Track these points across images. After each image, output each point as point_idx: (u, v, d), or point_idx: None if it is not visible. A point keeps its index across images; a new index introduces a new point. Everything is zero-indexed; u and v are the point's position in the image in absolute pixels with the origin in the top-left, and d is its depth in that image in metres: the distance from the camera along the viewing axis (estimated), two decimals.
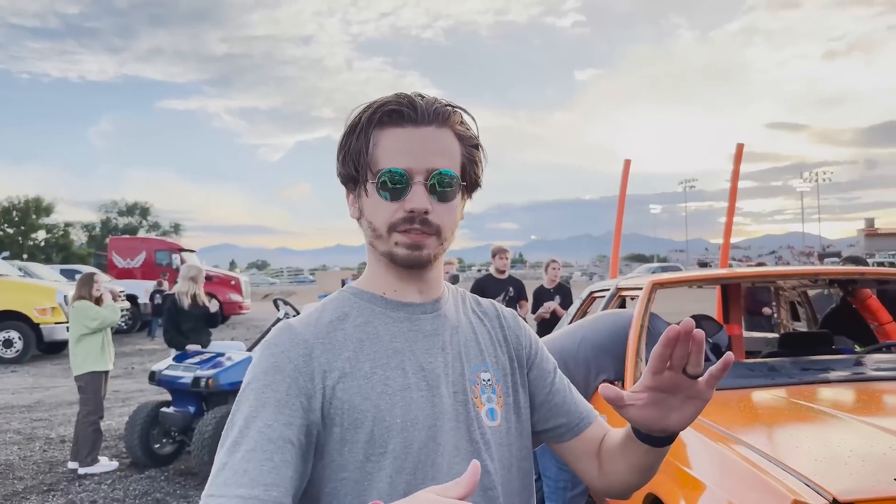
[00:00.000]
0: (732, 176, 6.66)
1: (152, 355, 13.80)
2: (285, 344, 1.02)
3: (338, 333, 1.05)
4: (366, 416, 0.99)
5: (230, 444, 0.95)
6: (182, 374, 5.84)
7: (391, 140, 1.05)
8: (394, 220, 1.04)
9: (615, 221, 7.27)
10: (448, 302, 1.15)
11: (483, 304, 1.24)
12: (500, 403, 1.13)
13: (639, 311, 3.45)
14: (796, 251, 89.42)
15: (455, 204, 1.08)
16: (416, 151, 1.04)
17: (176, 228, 61.38)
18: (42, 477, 5.85)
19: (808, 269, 4.36)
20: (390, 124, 1.05)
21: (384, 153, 1.04)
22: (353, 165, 1.06)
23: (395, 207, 1.04)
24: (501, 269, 7.18)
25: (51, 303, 13.21)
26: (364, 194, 1.07)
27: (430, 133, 1.05)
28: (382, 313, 1.09)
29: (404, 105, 1.05)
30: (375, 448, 0.99)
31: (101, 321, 5.87)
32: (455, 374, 1.08)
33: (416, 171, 1.03)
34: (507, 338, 1.20)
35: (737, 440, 2.29)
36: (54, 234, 55.59)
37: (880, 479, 1.84)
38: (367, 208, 1.07)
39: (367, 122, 1.05)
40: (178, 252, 23.48)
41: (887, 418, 2.50)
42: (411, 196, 1.03)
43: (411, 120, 1.05)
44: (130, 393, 9.69)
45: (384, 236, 1.06)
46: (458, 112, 1.09)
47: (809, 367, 3.24)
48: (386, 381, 1.02)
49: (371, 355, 1.04)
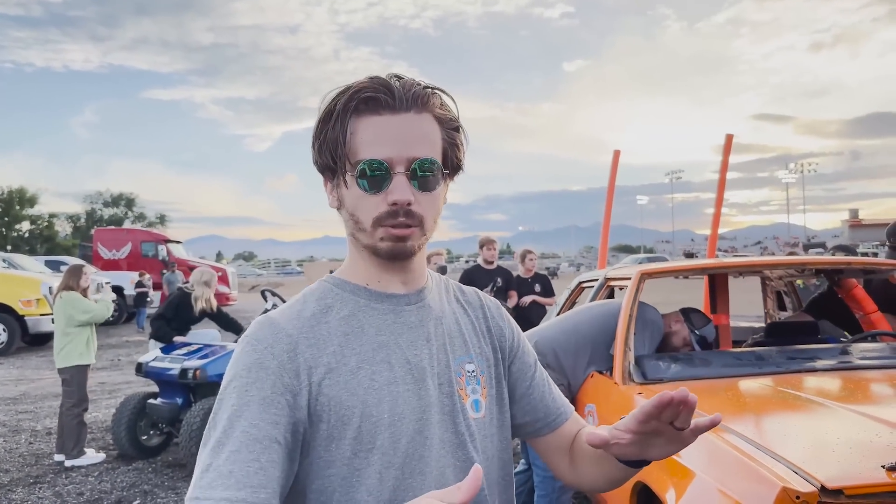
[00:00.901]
0: (721, 166, 6.68)
1: (139, 347, 13.73)
2: (268, 339, 0.98)
3: (322, 327, 1.02)
4: (353, 412, 0.97)
5: (214, 443, 0.92)
6: (169, 366, 5.81)
7: (369, 129, 1.01)
8: (378, 214, 1.01)
9: (604, 212, 7.29)
10: (432, 292, 1.13)
11: (467, 293, 1.22)
12: (485, 395, 1.12)
13: (627, 301, 3.46)
14: (781, 242, 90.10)
15: (438, 192, 1.05)
16: (395, 140, 1.00)
17: (162, 219, 60.96)
18: (28, 469, 5.81)
19: (797, 258, 4.39)
20: (367, 112, 1.01)
21: (362, 143, 1.01)
22: (331, 155, 1.03)
23: (377, 200, 1.01)
24: (489, 260, 7.19)
25: (35, 294, 13.09)
26: (343, 185, 1.04)
27: (409, 119, 1.01)
28: (367, 305, 1.06)
29: (381, 91, 1.00)
30: (363, 444, 0.97)
31: (91, 315, 5.82)
32: (440, 365, 1.07)
33: (397, 160, 1.00)
34: (491, 328, 1.19)
35: (725, 428, 2.30)
36: (39, 226, 55.09)
37: (867, 466, 1.86)
38: (348, 199, 1.04)
39: (343, 110, 1.01)
40: (163, 243, 23.36)
41: (873, 406, 2.53)
42: (393, 187, 1.00)
43: (388, 106, 1.01)
44: (117, 385, 9.63)
45: (368, 230, 1.03)
46: (438, 94, 1.05)
47: (796, 356, 3.27)
48: (372, 376, 1.00)
49: (357, 349, 1.01)
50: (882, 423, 2.19)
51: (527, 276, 7.44)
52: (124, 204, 61.00)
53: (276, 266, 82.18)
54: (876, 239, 66.47)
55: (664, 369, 3.15)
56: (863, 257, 4.94)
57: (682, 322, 3.72)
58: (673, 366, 3.19)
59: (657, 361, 3.26)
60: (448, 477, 1.03)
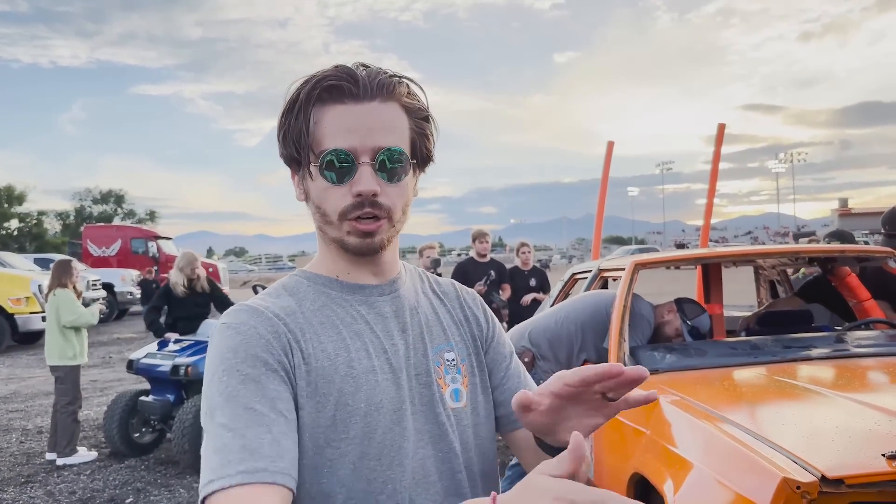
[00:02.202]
0: (714, 156, 6.66)
1: (130, 344, 13.65)
2: (250, 321, 0.95)
3: (298, 316, 1.00)
4: (328, 399, 0.95)
5: (217, 428, 0.87)
6: (161, 363, 5.77)
7: (332, 118, 0.98)
8: (343, 207, 0.99)
9: (597, 203, 7.26)
10: (405, 283, 1.11)
11: (442, 284, 1.20)
12: (465, 384, 1.10)
13: (621, 292, 3.44)
14: (771, 231, 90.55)
15: (406, 183, 1.02)
16: (359, 129, 0.97)
17: (152, 216, 60.66)
18: (20, 469, 5.77)
19: (791, 247, 4.38)
20: (331, 101, 0.98)
21: (326, 132, 0.98)
22: (295, 146, 1.00)
23: (342, 191, 0.98)
24: (482, 253, 7.18)
25: (25, 292, 13.00)
26: (308, 177, 1.01)
27: (374, 109, 0.98)
28: (339, 297, 1.04)
29: (344, 80, 0.98)
30: (337, 433, 0.95)
31: (75, 319, 5.76)
32: (417, 355, 1.05)
33: (361, 150, 0.97)
34: (468, 317, 1.17)
35: (722, 418, 2.29)
36: (27, 223, 54.71)
37: (867, 455, 1.85)
38: (314, 191, 1.01)
39: (306, 99, 0.98)
40: (154, 240, 23.25)
41: (871, 394, 2.52)
42: (358, 178, 0.97)
43: (352, 95, 0.98)
44: (108, 382, 9.58)
45: (335, 223, 1.01)
46: (405, 83, 1.03)
47: (791, 345, 3.26)
48: (350, 364, 0.98)
49: (334, 337, 0.99)
50: (880, 410, 2.18)
51: (523, 269, 7.46)
52: (114, 201, 60.65)
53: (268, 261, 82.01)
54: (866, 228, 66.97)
55: (659, 360, 3.14)
56: (857, 245, 4.94)
57: (675, 312, 3.71)
58: (668, 356, 3.18)
59: (652, 352, 3.24)
60: (429, 469, 1.01)
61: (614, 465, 2.86)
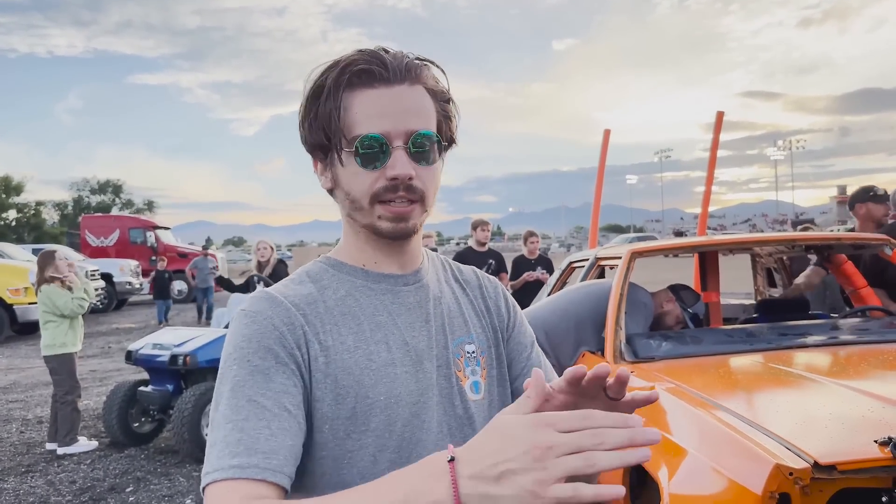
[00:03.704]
0: (712, 144, 6.66)
1: (129, 334, 13.67)
2: (267, 311, 0.95)
3: (318, 305, 0.99)
4: (348, 391, 0.95)
5: (220, 418, 0.88)
6: (159, 353, 5.78)
7: (364, 103, 0.97)
8: (375, 189, 0.98)
9: (594, 192, 7.27)
10: (429, 272, 1.10)
11: (465, 271, 1.19)
12: (484, 376, 1.09)
13: (618, 281, 3.45)
14: (770, 219, 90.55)
15: (436, 166, 1.02)
16: (391, 113, 0.97)
17: (150, 206, 60.54)
18: (20, 458, 5.79)
19: (788, 235, 4.39)
20: (360, 85, 0.97)
21: (358, 118, 0.97)
22: (324, 133, 0.99)
23: (375, 176, 0.97)
24: (482, 242, 7.17)
25: (23, 283, 12.99)
26: (338, 163, 1.00)
27: (403, 92, 0.98)
28: (364, 286, 1.03)
29: (374, 64, 0.97)
30: (357, 425, 0.95)
31: (71, 308, 5.77)
32: (439, 347, 1.05)
33: (395, 134, 0.96)
34: (490, 308, 1.16)
35: (717, 405, 2.30)
36: (25, 214, 54.62)
37: (860, 442, 1.86)
38: (344, 178, 1.00)
39: (335, 85, 0.97)
40: (152, 230, 23.22)
41: (865, 381, 2.53)
42: (392, 162, 0.96)
43: (383, 79, 0.97)
44: (108, 372, 9.60)
45: (366, 208, 0.99)
46: (429, 66, 1.03)
47: (787, 333, 3.27)
48: (370, 357, 0.97)
49: (354, 329, 0.99)
50: (873, 397, 2.19)
51: (530, 258, 7.47)
52: (111, 191, 60.53)
53: None
54: None
55: (655, 348, 3.15)
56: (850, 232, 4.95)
57: (674, 301, 3.72)
58: (664, 344, 3.19)
59: (648, 340, 3.25)
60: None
61: None
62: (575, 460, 0.67)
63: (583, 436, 0.67)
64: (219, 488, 0.83)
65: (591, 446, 0.67)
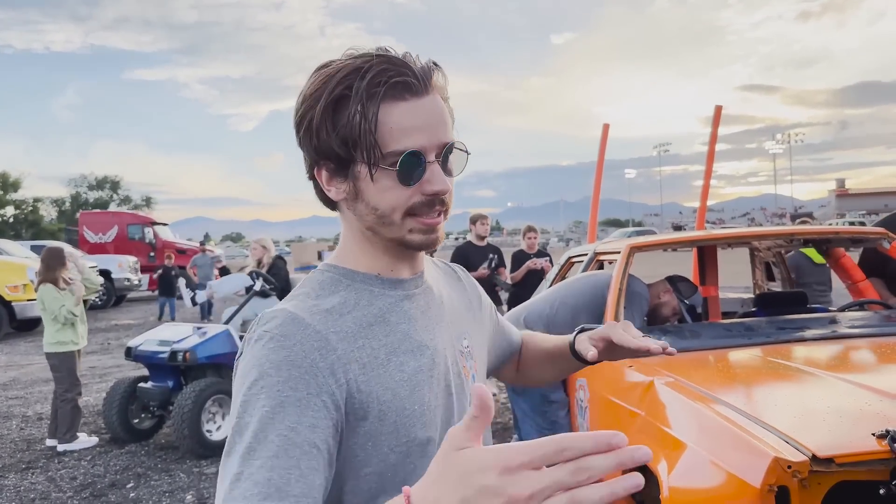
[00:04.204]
0: (710, 138, 6.66)
1: (128, 330, 13.67)
2: (296, 335, 0.90)
3: (346, 320, 0.96)
4: (389, 406, 0.93)
5: (245, 449, 0.82)
6: (159, 349, 5.79)
7: (400, 117, 0.93)
8: (411, 204, 0.95)
9: (593, 186, 7.27)
10: (429, 272, 1.12)
11: (443, 267, 1.23)
12: (476, 368, 1.13)
13: (617, 275, 3.46)
14: (769, 213, 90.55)
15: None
16: (425, 127, 0.94)
17: (148, 202, 60.51)
18: (20, 455, 5.80)
19: (786, 229, 4.39)
20: (393, 97, 0.93)
21: (394, 133, 0.92)
22: (346, 145, 0.93)
23: (411, 192, 0.95)
24: (482, 235, 7.16)
25: (22, 280, 12.97)
26: (366, 177, 0.95)
27: (431, 103, 0.95)
28: (382, 293, 1.01)
29: (405, 74, 0.93)
30: (399, 439, 0.93)
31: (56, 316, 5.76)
32: (449, 346, 1.06)
33: (429, 148, 0.94)
34: (471, 299, 1.22)
35: (716, 399, 2.31)
36: (23, 210, 54.58)
37: (858, 435, 1.87)
38: (371, 193, 0.96)
39: (369, 97, 0.91)
40: (150, 226, 23.18)
41: (863, 375, 2.54)
42: (430, 177, 0.94)
43: (415, 91, 0.94)
44: (107, 369, 9.60)
45: (397, 223, 0.97)
46: (439, 69, 0.99)
47: (785, 326, 3.28)
48: (401, 367, 0.96)
49: (383, 341, 0.97)
50: (872, 391, 2.20)
51: (529, 252, 7.47)
52: (109, 187, 60.47)
53: None
54: (863, 208, 66.90)
55: None
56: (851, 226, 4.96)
57: (671, 292, 3.73)
58: (663, 338, 3.19)
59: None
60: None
61: None
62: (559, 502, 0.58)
63: (563, 472, 0.59)
64: None
65: (576, 483, 0.58)
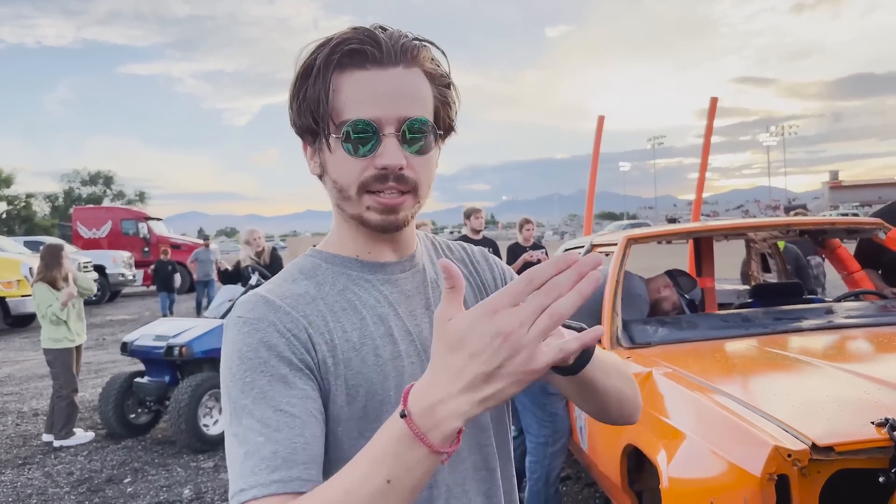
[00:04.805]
0: (706, 130, 6.66)
1: (123, 326, 13.63)
2: (268, 317, 0.90)
3: (318, 303, 0.95)
4: (358, 391, 0.92)
5: (245, 431, 0.84)
6: (155, 344, 5.77)
7: (355, 86, 0.91)
8: (364, 178, 0.92)
9: (588, 178, 7.27)
10: (423, 256, 1.08)
11: (454, 249, 1.17)
12: None
13: (614, 267, 3.45)
14: (763, 205, 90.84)
15: (431, 155, 0.96)
16: (384, 98, 0.91)
17: (141, 197, 60.25)
18: (17, 451, 5.78)
19: (782, 220, 4.40)
20: (352, 66, 0.91)
21: (348, 101, 0.91)
22: (311, 116, 0.93)
23: (364, 164, 0.92)
24: (477, 229, 7.18)
25: (16, 275, 12.93)
26: (326, 149, 0.95)
27: (398, 75, 0.92)
28: (360, 277, 1.00)
29: (367, 43, 0.91)
30: (370, 423, 0.91)
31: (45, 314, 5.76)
32: None
33: (386, 120, 0.91)
34: (483, 282, 1.13)
35: (714, 389, 2.32)
36: (16, 206, 54.29)
37: (857, 423, 1.87)
38: (331, 165, 0.95)
39: (325, 64, 0.91)
40: (144, 221, 23.10)
41: (860, 364, 2.55)
42: (382, 150, 0.91)
43: (375, 60, 0.91)
44: (103, 364, 9.58)
45: (353, 198, 0.94)
46: (427, 47, 0.96)
47: (782, 317, 3.29)
48: (376, 352, 0.94)
49: (357, 324, 0.95)
50: (870, 379, 2.21)
51: (525, 245, 7.51)
52: (102, 182, 60.18)
53: None
54: (856, 200, 67.09)
55: (652, 333, 3.16)
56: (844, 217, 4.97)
57: (672, 287, 3.73)
58: (660, 329, 3.21)
59: (645, 326, 3.27)
60: (461, 446, 1.00)
61: (608, 436, 2.89)
62: (543, 321, 0.67)
63: (537, 296, 0.68)
64: None
65: (551, 301, 0.68)
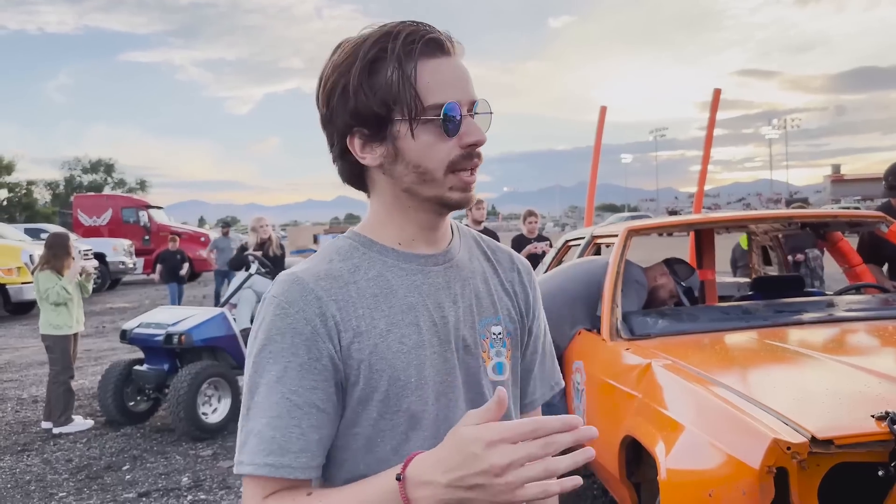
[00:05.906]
0: (709, 122, 6.64)
1: (123, 314, 13.65)
2: (298, 303, 0.96)
3: (350, 288, 0.99)
4: (381, 375, 0.97)
5: (256, 410, 0.95)
6: (154, 332, 5.77)
7: (435, 72, 0.97)
8: (452, 157, 0.98)
9: (590, 170, 7.25)
10: (460, 250, 1.09)
11: (498, 252, 1.17)
12: (509, 357, 1.10)
13: (614, 259, 3.44)
14: (764, 198, 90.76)
15: None
16: (457, 82, 0.99)
17: (142, 185, 60.13)
18: (16, 437, 5.79)
19: (784, 212, 4.39)
20: (427, 55, 0.97)
21: (431, 87, 0.96)
22: (386, 104, 0.96)
23: (451, 145, 0.98)
24: (479, 220, 7.17)
25: (16, 262, 12.93)
26: (406, 135, 0.97)
27: (459, 62, 1.01)
28: (395, 265, 1.03)
29: (439, 34, 0.99)
30: (390, 407, 0.98)
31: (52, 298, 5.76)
32: (466, 327, 1.05)
33: (463, 102, 0.98)
34: (518, 292, 1.14)
35: (714, 381, 2.31)
36: (17, 193, 54.24)
37: (856, 416, 1.87)
38: (413, 150, 0.98)
39: (406, 53, 0.96)
40: (145, 209, 23.09)
41: (860, 357, 2.54)
42: (466, 129, 0.98)
43: (445, 50, 0.99)
44: (102, 352, 9.59)
45: (439, 179, 0.99)
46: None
47: (783, 310, 3.28)
48: (401, 340, 0.99)
49: (386, 311, 0.99)
50: (870, 373, 2.20)
51: (529, 237, 7.51)
52: (103, 170, 60.06)
53: None
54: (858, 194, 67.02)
55: (652, 325, 3.16)
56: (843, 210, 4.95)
57: (668, 275, 3.72)
58: (660, 321, 3.20)
59: (644, 317, 3.26)
60: None
61: (606, 428, 2.89)
62: (534, 471, 0.79)
63: (534, 446, 0.79)
64: (254, 482, 0.95)
65: (544, 454, 0.79)
